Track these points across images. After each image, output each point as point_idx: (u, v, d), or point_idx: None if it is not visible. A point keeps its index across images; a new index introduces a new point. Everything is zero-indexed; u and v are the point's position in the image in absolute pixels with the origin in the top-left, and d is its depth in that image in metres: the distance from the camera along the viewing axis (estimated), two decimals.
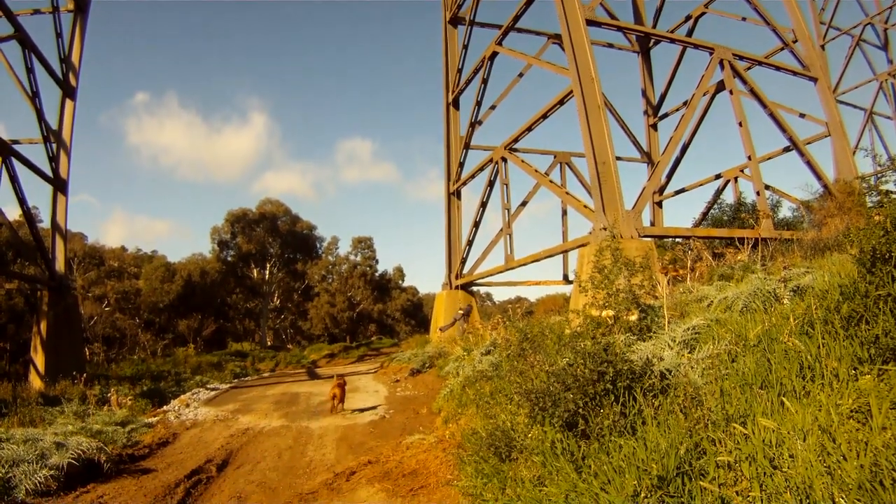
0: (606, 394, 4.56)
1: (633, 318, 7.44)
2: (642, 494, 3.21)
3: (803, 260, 10.06)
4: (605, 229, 14.04)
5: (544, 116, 19.16)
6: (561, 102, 17.88)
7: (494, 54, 22.90)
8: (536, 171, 20.47)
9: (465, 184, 26.19)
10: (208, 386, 18.79)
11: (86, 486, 7.32)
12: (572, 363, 4.90)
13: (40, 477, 6.88)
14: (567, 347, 5.68)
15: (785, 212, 22.02)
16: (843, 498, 2.57)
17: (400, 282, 67.83)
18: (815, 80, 20.89)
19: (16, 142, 20.29)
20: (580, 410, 4.54)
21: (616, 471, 3.65)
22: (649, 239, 15.31)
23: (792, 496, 2.77)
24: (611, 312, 7.45)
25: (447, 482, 5.85)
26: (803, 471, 2.82)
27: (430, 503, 5.85)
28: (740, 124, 18.32)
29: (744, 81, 18.97)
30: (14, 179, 18.65)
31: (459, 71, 26.67)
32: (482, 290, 71.97)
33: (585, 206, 16.71)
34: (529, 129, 20.22)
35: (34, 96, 19.71)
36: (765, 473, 3.00)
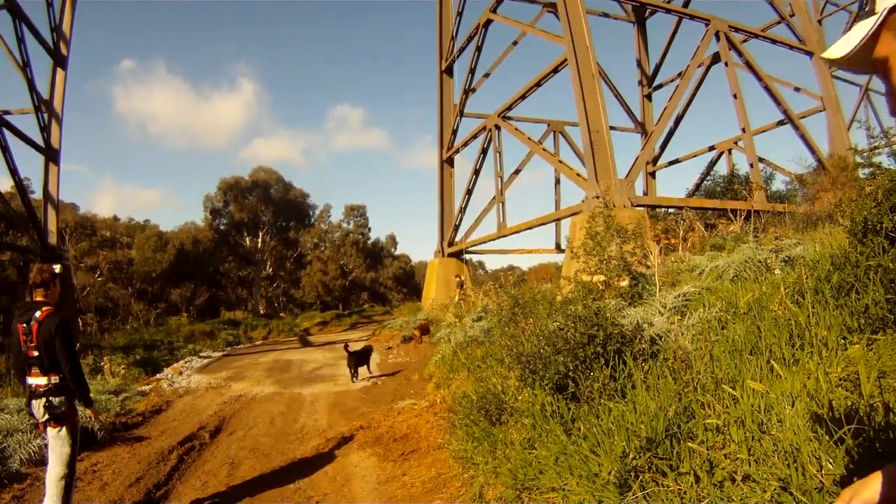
0: (596, 357, 4.57)
1: (624, 284, 7.47)
2: (631, 455, 3.22)
3: (795, 232, 10.08)
4: (597, 197, 14.05)
5: (538, 84, 19.07)
6: (555, 70, 17.78)
7: (489, 22, 22.67)
8: (530, 139, 20.40)
9: (458, 151, 26.11)
10: (201, 354, 18.82)
11: (80, 455, 7.34)
12: (563, 327, 4.90)
13: (34, 446, 6.87)
14: (558, 312, 5.70)
15: (778, 185, 22.10)
16: (830, 462, 2.59)
17: (392, 250, 68.02)
18: (811, 54, 20.82)
19: (7, 112, 20.00)
20: (570, 373, 4.55)
21: (605, 433, 3.67)
22: (642, 208, 15.33)
23: (779, 459, 2.78)
24: (601, 278, 7.48)
25: (438, 446, 5.89)
26: (791, 435, 2.84)
27: (421, 467, 5.90)
28: (735, 96, 18.29)
29: (739, 54, 18.89)
30: (5, 149, 18.49)
31: (453, 38, 26.41)
32: (474, 258, 72.08)
33: (578, 175, 16.70)
34: (523, 96, 20.13)
35: (25, 66, 19.46)
36: (753, 437, 3.02)
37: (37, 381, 4.57)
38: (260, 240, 54.69)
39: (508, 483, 4.11)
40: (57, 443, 4.64)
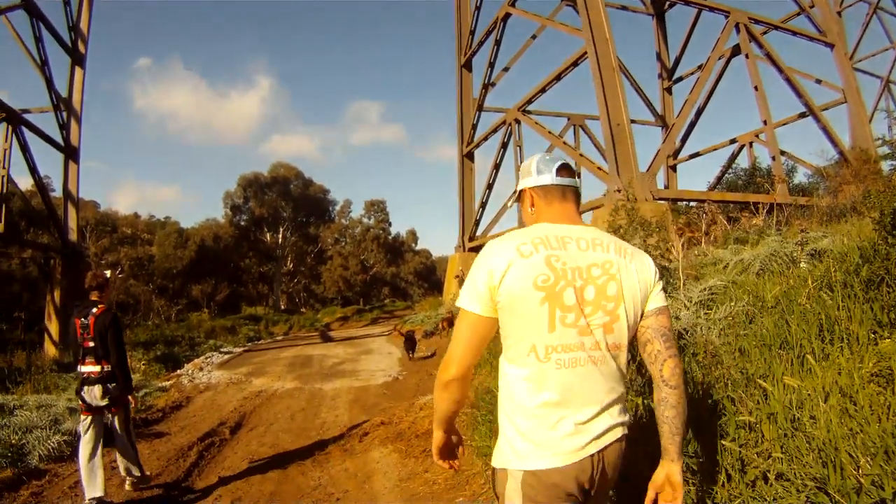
0: None
1: None
2: None
3: (819, 225, 9.90)
4: (619, 191, 13.92)
5: (558, 78, 18.91)
6: (575, 64, 17.64)
7: (507, 15, 22.53)
8: (550, 132, 20.28)
9: (478, 146, 25.99)
10: (222, 350, 18.85)
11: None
12: None
13: (53, 443, 6.89)
14: None
15: (800, 178, 21.80)
16: (867, 461, 2.50)
17: (413, 245, 67.95)
18: (831, 46, 20.46)
19: (26, 111, 20.22)
20: None
21: None
22: (664, 201, 15.18)
23: (814, 458, 2.70)
24: None
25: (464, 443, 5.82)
26: (825, 433, 2.75)
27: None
28: (756, 88, 18.07)
29: (760, 45, 18.64)
30: (25, 148, 18.73)
31: (472, 32, 26.29)
32: None
33: (599, 168, 16.55)
34: (543, 90, 19.99)
35: (43, 64, 19.64)
36: (785, 434, 2.93)
37: (91, 368, 5.36)
38: (280, 235, 54.83)
39: None
40: (117, 419, 5.53)
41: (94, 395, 5.37)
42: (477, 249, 25.42)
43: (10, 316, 22.82)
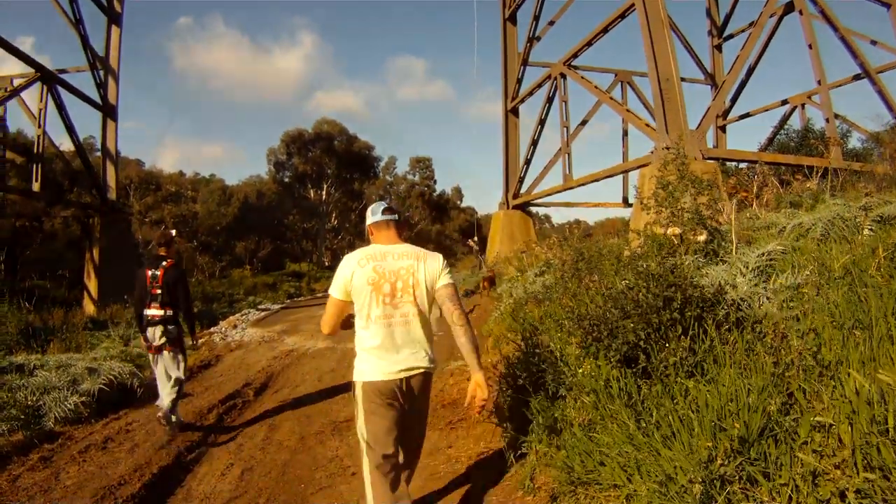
0: (673, 324, 3.82)
1: (702, 239, 6.62)
2: (718, 461, 2.52)
3: (878, 191, 9.10)
4: (667, 148, 13.19)
5: (605, 31, 17.99)
6: (622, 16, 16.72)
7: None
8: (596, 87, 19.36)
9: (522, 101, 25.14)
10: (260, 307, 18.72)
11: (117, 413, 7.09)
12: (632, 286, 4.17)
13: (70, 404, 6.65)
14: (627, 268, 4.90)
15: (854, 143, 20.60)
16: None
17: (458, 202, 67.38)
18: (888, 6, 19.02)
19: (63, 70, 20.10)
20: (641, 343, 3.85)
21: (682, 421, 2.98)
22: (713, 161, 14.37)
23: None
24: (677, 230, 6.64)
25: (487, 417, 5.32)
26: None
27: (469, 438, 5.36)
28: (810, 46, 16.98)
29: (814, 2, 17.44)
30: (61, 107, 18.58)
31: None
32: (540, 211, 70.86)
33: (647, 125, 15.76)
34: (589, 43, 19.07)
35: (78, 23, 19.32)
36: (867, 442, 2.30)
37: (155, 312, 6.14)
38: (324, 192, 54.80)
39: (563, 478, 3.49)
40: (172, 359, 6.29)
41: (155, 334, 6.15)
42: (522, 207, 24.90)
43: (54, 274, 22.98)
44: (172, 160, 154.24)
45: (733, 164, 18.29)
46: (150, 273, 6.13)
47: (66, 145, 23.33)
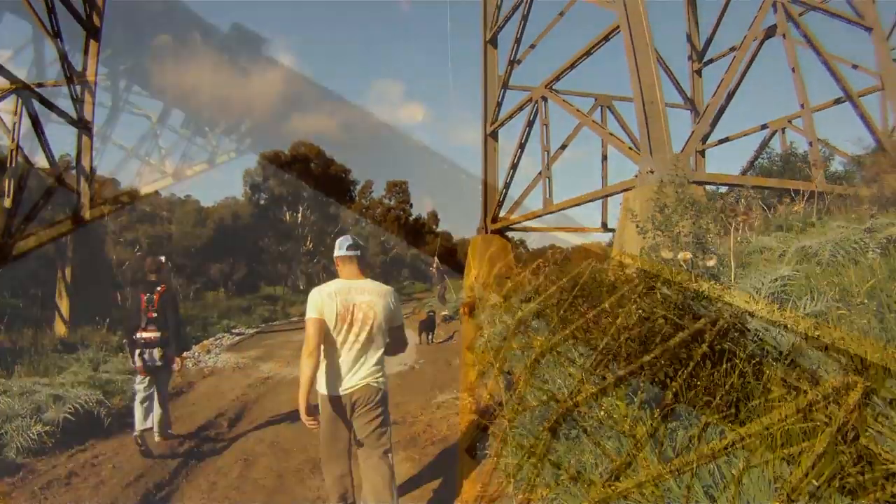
0: (703, 360, 3.33)
1: (711, 263, 6.32)
2: None
3: (884, 213, 9.01)
4: (652, 172, 13.06)
5: (588, 53, 17.91)
6: (606, 38, 16.63)
7: None
8: (578, 110, 19.27)
9: (502, 125, 24.98)
10: (234, 331, 18.19)
11: (83, 444, 6.62)
12: (647, 315, 3.76)
13: (33, 433, 6.21)
14: (644, 297, 4.51)
15: (835, 166, 20.81)
16: None
17: (434, 227, 67.29)
18: (869, 29, 19.26)
19: (40, 84, 19.62)
20: (669, 380, 3.40)
21: (726, 474, 2.61)
22: (698, 185, 14.27)
23: None
24: (688, 255, 6.31)
25: (484, 456, 4.95)
26: None
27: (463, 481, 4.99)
28: (793, 70, 17.04)
29: (797, 26, 17.57)
30: (35, 121, 18.05)
31: (498, 7, 25.23)
32: (515, 236, 70.91)
33: (630, 149, 15.62)
34: (572, 66, 18.95)
35: (56, 36, 18.84)
36: None
37: (152, 334, 6.32)
38: (300, 215, 54.27)
39: None
40: (167, 378, 6.81)
41: (153, 356, 6.33)
42: (500, 231, 24.63)
43: (27, 293, 22.30)
44: (148, 180, 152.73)
45: (713, 188, 18.30)
46: (145, 297, 6.38)
47: (41, 162, 22.80)
